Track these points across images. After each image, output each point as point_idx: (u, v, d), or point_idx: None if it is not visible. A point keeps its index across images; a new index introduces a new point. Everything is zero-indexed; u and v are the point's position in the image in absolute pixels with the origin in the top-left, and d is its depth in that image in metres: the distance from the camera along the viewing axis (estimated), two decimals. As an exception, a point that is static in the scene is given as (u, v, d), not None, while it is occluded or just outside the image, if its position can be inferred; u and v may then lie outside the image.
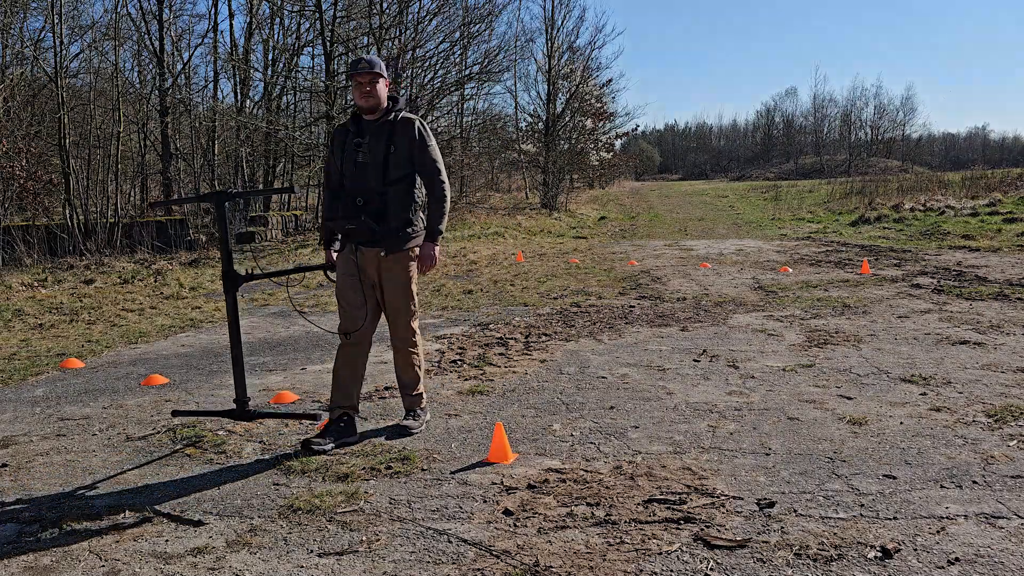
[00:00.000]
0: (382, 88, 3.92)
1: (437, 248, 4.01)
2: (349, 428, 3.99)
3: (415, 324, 4.12)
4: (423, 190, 4.04)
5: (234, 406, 4.04)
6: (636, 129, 61.12)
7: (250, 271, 4.02)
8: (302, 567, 2.74)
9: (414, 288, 4.05)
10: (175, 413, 4.27)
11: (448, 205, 4.01)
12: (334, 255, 4.08)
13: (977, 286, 8.43)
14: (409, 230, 3.95)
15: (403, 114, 3.98)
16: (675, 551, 2.76)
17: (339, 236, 4.02)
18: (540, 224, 20.97)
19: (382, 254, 3.92)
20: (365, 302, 3.98)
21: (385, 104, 3.97)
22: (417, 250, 4.00)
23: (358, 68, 3.89)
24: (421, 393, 4.20)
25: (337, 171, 4.01)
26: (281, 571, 2.72)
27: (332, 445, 3.89)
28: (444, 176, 4.02)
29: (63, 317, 8.44)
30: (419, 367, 4.16)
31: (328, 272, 4.13)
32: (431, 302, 8.66)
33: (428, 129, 4.03)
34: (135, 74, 23.49)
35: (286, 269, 4.16)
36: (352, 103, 4.28)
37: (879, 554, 2.69)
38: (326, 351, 6.31)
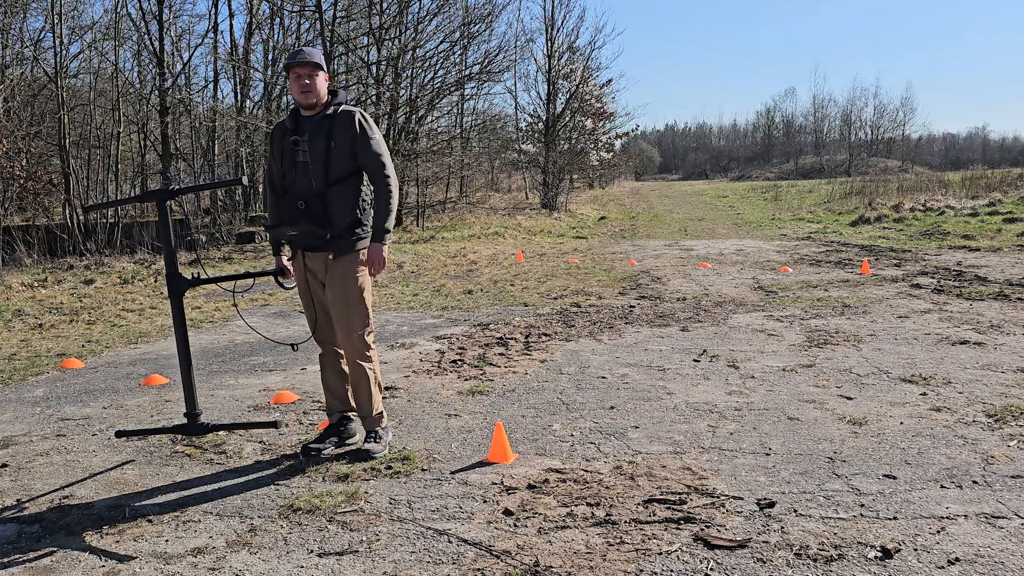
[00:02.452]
0: (321, 82, 3.67)
1: (385, 248, 3.72)
2: (348, 430, 3.96)
3: (369, 337, 3.78)
4: (371, 187, 3.81)
5: (185, 420, 3.77)
6: (636, 129, 61.17)
7: (196, 275, 3.81)
8: (302, 567, 2.74)
9: (367, 295, 3.76)
10: (119, 434, 3.91)
11: (395, 201, 3.71)
12: (285, 260, 3.85)
13: (977, 286, 8.43)
14: (358, 231, 3.70)
15: (343, 107, 3.72)
16: (675, 551, 2.76)
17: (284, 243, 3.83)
18: (540, 224, 20.97)
19: (330, 258, 3.68)
20: (313, 306, 3.81)
21: (324, 99, 3.72)
22: (364, 252, 3.73)
23: (296, 59, 3.62)
24: (381, 412, 3.88)
25: (279, 173, 3.75)
26: (281, 571, 2.72)
27: (332, 448, 3.85)
28: (390, 170, 3.72)
29: (63, 317, 8.44)
30: (375, 383, 3.83)
31: (280, 279, 3.88)
32: (431, 302, 8.66)
33: (370, 120, 3.77)
34: (135, 74, 23.50)
35: (234, 274, 3.94)
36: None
37: (879, 554, 2.69)
38: (326, 351, 6.30)
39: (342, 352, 3.86)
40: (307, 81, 3.62)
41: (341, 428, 3.94)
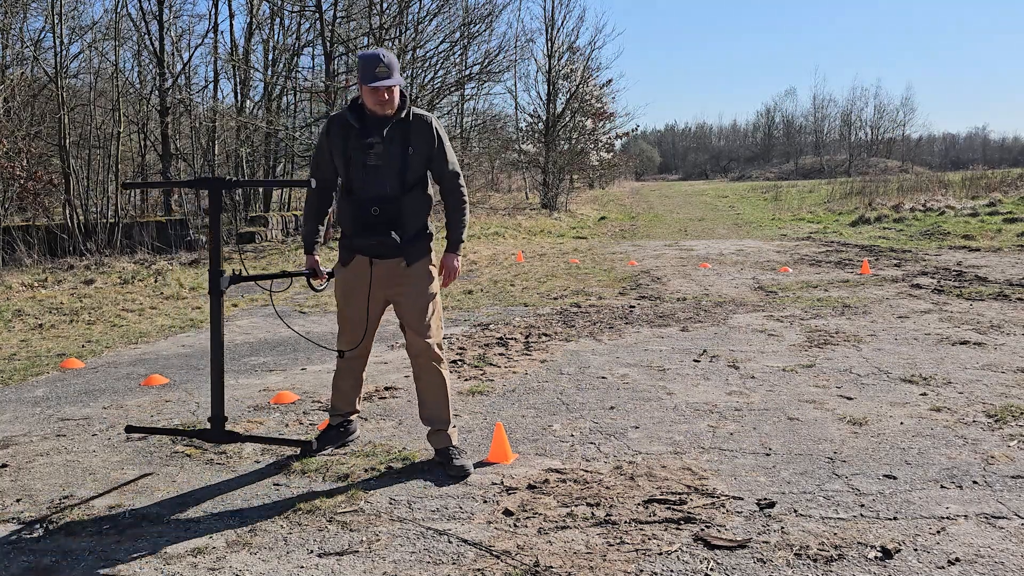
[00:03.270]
0: (399, 91, 3.52)
1: (459, 260, 3.69)
2: (348, 430, 3.96)
3: (441, 340, 3.67)
4: (433, 191, 3.73)
5: (208, 424, 3.60)
6: (636, 129, 61.10)
7: (237, 272, 3.62)
8: (302, 567, 2.74)
9: (437, 297, 3.65)
10: (129, 429, 3.80)
11: (466, 211, 3.69)
12: (318, 262, 3.75)
13: (977, 286, 8.43)
14: (426, 236, 3.64)
15: (415, 111, 3.58)
16: (675, 551, 2.76)
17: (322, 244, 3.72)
18: (540, 224, 20.97)
19: (403, 265, 3.56)
20: (367, 319, 3.65)
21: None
22: (434, 255, 3.67)
23: (377, 76, 3.37)
24: (455, 426, 3.75)
25: (329, 167, 3.62)
26: (281, 571, 2.72)
27: (332, 448, 3.85)
28: (463, 180, 3.69)
29: (63, 317, 8.43)
30: (449, 390, 3.70)
31: (312, 281, 3.74)
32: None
33: (443, 129, 3.67)
34: (135, 74, 23.49)
35: (274, 273, 3.77)
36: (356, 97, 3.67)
37: (879, 554, 2.69)
38: (327, 352, 6.30)
39: (366, 362, 3.84)
40: (387, 98, 3.45)
41: (342, 428, 3.92)
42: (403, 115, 3.53)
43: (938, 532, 2.85)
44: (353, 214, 3.53)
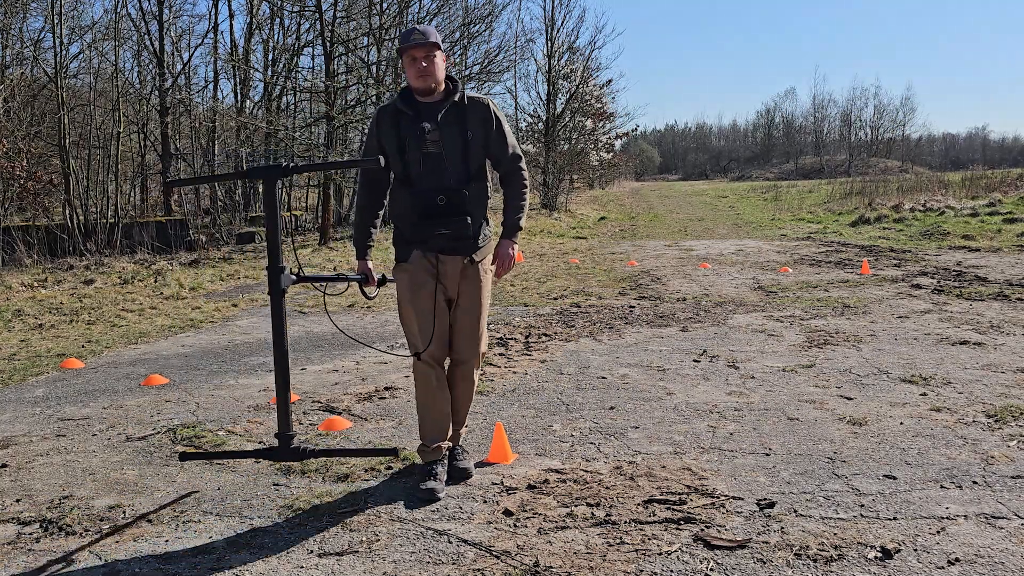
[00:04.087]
0: (440, 64, 3.26)
1: (515, 247, 3.41)
2: (461, 466, 3.52)
3: (484, 346, 3.50)
4: (492, 180, 3.50)
5: (275, 442, 3.24)
6: (636, 129, 61.12)
7: (295, 272, 3.22)
8: (302, 567, 2.74)
9: (488, 301, 3.46)
10: (183, 457, 3.45)
11: (526, 196, 3.43)
12: (371, 267, 3.47)
13: (977, 286, 8.43)
14: (487, 231, 3.40)
15: (470, 94, 3.36)
16: (675, 551, 2.76)
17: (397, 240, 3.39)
18: (540, 224, 20.97)
19: (466, 261, 3.32)
20: (435, 317, 3.31)
21: (443, 83, 3.33)
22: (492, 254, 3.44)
23: (411, 39, 3.19)
24: (465, 428, 3.66)
25: (396, 163, 3.31)
26: (281, 571, 2.72)
27: (444, 490, 3.36)
28: (524, 163, 3.45)
29: (63, 317, 8.44)
30: (472, 400, 3.62)
31: (364, 288, 3.45)
32: (431, 302, 8.66)
33: (502, 112, 3.42)
34: (135, 74, 23.51)
35: (334, 275, 3.43)
36: (404, 82, 3.49)
37: (879, 554, 2.69)
38: (326, 351, 6.31)
39: (443, 370, 3.43)
40: (424, 64, 3.20)
41: (444, 459, 3.48)
42: (456, 98, 3.31)
43: (938, 532, 2.85)
44: (414, 206, 3.25)
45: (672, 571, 2.64)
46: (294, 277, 3.17)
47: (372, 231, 3.48)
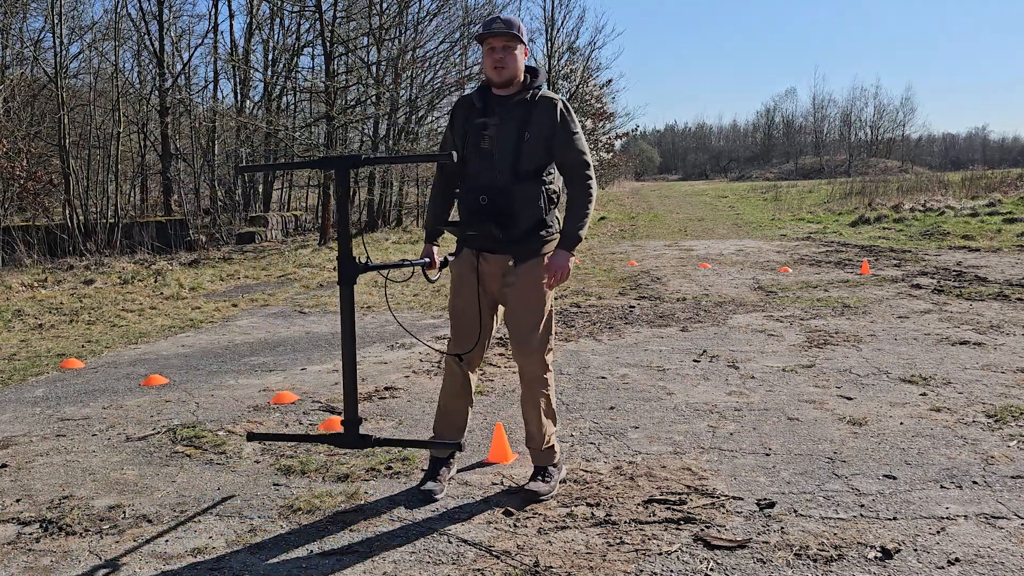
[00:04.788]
0: (520, 57, 3.16)
1: (573, 259, 3.21)
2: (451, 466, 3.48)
3: (549, 356, 3.29)
4: (559, 182, 3.34)
5: (342, 429, 3.20)
6: (636, 129, 61.17)
7: (363, 261, 3.16)
8: (302, 567, 2.74)
9: (548, 305, 3.27)
10: (251, 437, 3.36)
11: (593, 208, 3.25)
12: (435, 252, 3.41)
13: (977, 286, 8.43)
14: (543, 233, 3.24)
15: (543, 92, 3.23)
16: (675, 551, 2.76)
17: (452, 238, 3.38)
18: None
19: (511, 263, 3.22)
20: (480, 320, 3.26)
21: (521, 77, 3.22)
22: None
23: (492, 27, 3.10)
24: (553, 447, 3.34)
25: (460, 155, 3.24)
26: (281, 571, 2.72)
27: (443, 491, 3.35)
28: (592, 171, 3.26)
29: (63, 317, 8.44)
30: (549, 412, 3.34)
31: (427, 272, 3.42)
32: (431, 302, 8.66)
33: (573, 112, 3.27)
34: (135, 74, 23.50)
35: (398, 262, 3.37)
36: (481, 75, 3.39)
37: (879, 554, 2.69)
38: (326, 351, 6.31)
39: (472, 374, 3.38)
40: (500, 55, 3.12)
41: (451, 460, 3.46)
42: (528, 96, 3.20)
43: (938, 532, 2.85)
44: (462, 201, 3.24)
45: (672, 571, 2.64)
46: (360, 267, 3.11)
47: (443, 217, 3.43)
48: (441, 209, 3.41)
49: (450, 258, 3.39)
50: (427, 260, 3.37)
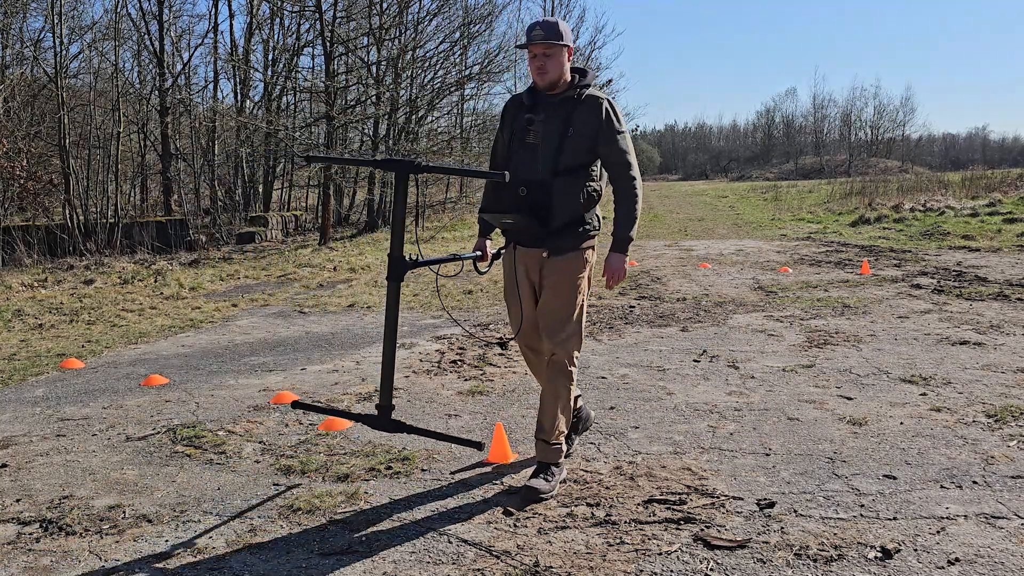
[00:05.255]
0: (563, 60, 3.24)
1: (627, 260, 3.36)
2: (580, 416, 3.70)
3: (576, 352, 3.36)
4: (602, 182, 3.43)
5: (374, 411, 3.37)
6: (636, 130, 61.11)
7: (413, 257, 3.31)
8: (302, 567, 2.74)
9: (580, 300, 3.35)
10: (295, 405, 3.63)
11: (640, 207, 3.36)
12: (488, 245, 3.57)
13: (977, 286, 8.43)
14: (580, 229, 3.34)
15: (589, 91, 3.31)
16: (675, 551, 2.76)
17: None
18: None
19: (544, 255, 3.33)
20: (521, 307, 3.45)
21: (569, 77, 3.31)
22: (590, 253, 3.40)
23: (531, 36, 3.19)
24: (560, 446, 3.35)
25: (503, 152, 3.45)
26: (281, 571, 2.72)
27: (575, 442, 3.67)
28: (636, 171, 3.35)
29: (63, 317, 8.44)
30: (566, 408, 3.36)
31: (477, 264, 3.58)
32: (431, 302, 8.66)
33: (619, 111, 3.35)
34: (135, 74, 23.52)
35: (447, 257, 3.54)
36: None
37: (879, 554, 2.69)
38: (326, 351, 6.31)
39: (543, 356, 3.51)
40: (542, 61, 3.22)
41: (575, 417, 3.64)
42: (574, 94, 3.30)
43: (938, 532, 2.85)
44: (505, 192, 3.34)
45: (672, 571, 2.64)
46: (410, 263, 3.27)
47: (492, 211, 3.50)
48: (491, 204, 3.49)
49: (502, 252, 3.57)
50: (478, 254, 3.55)
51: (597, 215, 3.44)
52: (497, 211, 3.38)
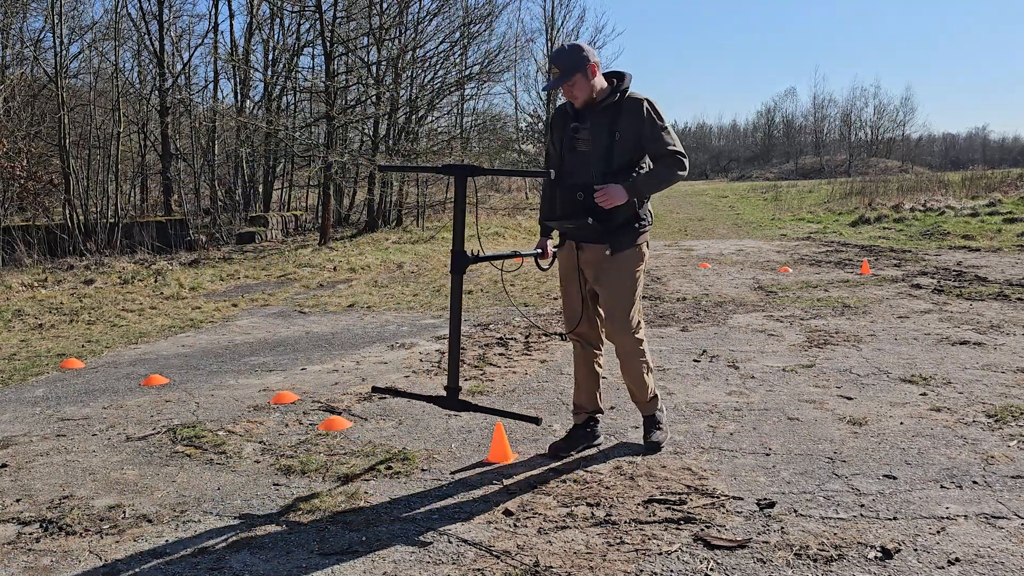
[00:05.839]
0: (589, 80, 3.46)
1: (624, 194, 3.42)
2: (593, 433, 3.86)
3: (640, 331, 3.67)
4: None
5: (443, 393, 3.69)
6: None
7: (474, 252, 3.60)
8: (302, 567, 2.74)
9: (640, 289, 3.67)
10: (375, 389, 4.06)
11: (673, 179, 3.52)
12: (549, 245, 3.82)
13: (977, 286, 8.43)
14: (636, 225, 3.57)
15: (629, 93, 3.51)
16: (675, 551, 2.76)
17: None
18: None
19: (607, 252, 3.55)
20: (583, 301, 3.70)
21: (604, 85, 3.53)
22: (645, 247, 3.64)
23: (550, 81, 3.48)
24: (656, 396, 3.81)
25: (557, 159, 3.65)
26: (281, 571, 2.72)
27: (576, 452, 3.76)
28: (684, 159, 3.52)
29: (63, 317, 8.44)
30: (647, 372, 3.73)
31: (539, 261, 3.88)
32: (431, 302, 8.66)
33: (659, 108, 3.51)
34: (135, 74, 23.52)
35: (507, 253, 3.83)
36: None
37: (879, 554, 2.69)
38: (326, 351, 6.31)
39: (598, 351, 3.79)
40: (569, 91, 3.49)
41: (588, 430, 3.84)
42: (615, 98, 3.49)
43: (938, 532, 2.85)
44: (562, 197, 3.56)
45: (672, 571, 2.64)
46: (471, 258, 3.58)
47: (551, 215, 3.76)
48: (549, 207, 3.77)
49: (549, 244, 3.83)
50: (539, 251, 3.83)
51: (649, 210, 3.67)
52: (557, 218, 3.62)
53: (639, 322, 3.68)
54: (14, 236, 14.68)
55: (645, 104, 3.47)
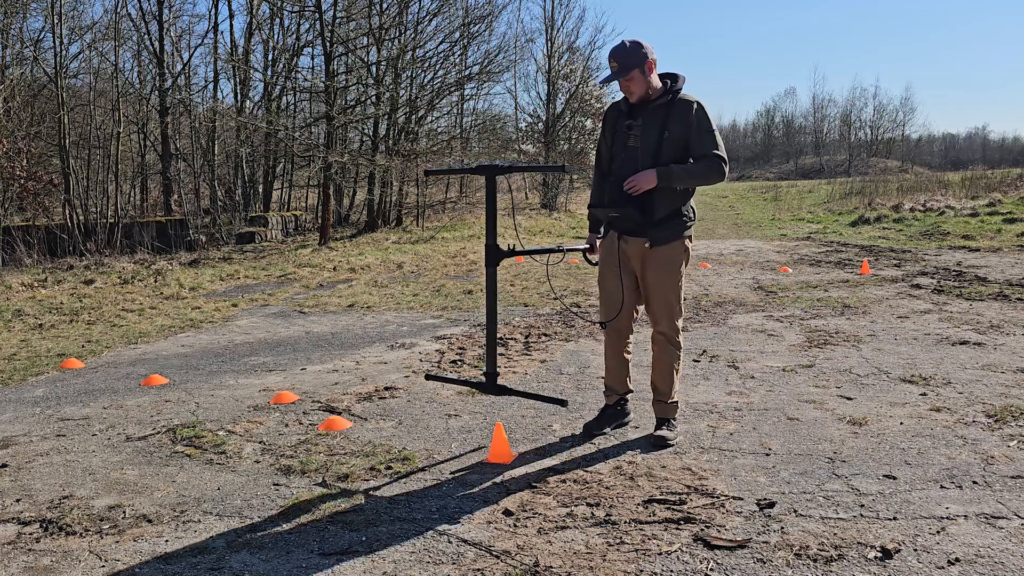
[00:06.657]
0: (645, 77, 3.63)
1: (654, 178, 3.56)
2: (623, 411, 4.09)
3: (679, 323, 3.84)
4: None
5: (483, 378, 4.03)
6: (636, 129, 60.82)
7: (511, 246, 3.87)
8: (302, 567, 2.74)
9: (681, 284, 3.80)
10: (428, 376, 4.35)
11: (708, 175, 3.63)
12: (597, 240, 3.99)
13: (977, 286, 8.43)
14: (679, 220, 3.72)
15: (681, 95, 3.68)
16: (675, 551, 2.76)
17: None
18: (540, 224, 20.98)
19: (647, 245, 3.71)
20: (623, 292, 3.81)
21: (659, 84, 3.70)
22: (688, 242, 3.79)
23: (612, 72, 3.64)
24: (676, 402, 3.93)
25: (607, 154, 3.86)
26: (281, 571, 2.72)
27: (609, 429, 4.01)
28: (725, 161, 3.66)
29: (63, 317, 8.44)
30: (677, 372, 3.89)
31: (587, 255, 4.10)
32: (431, 302, 8.66)
33: (708, 112, 3.69)
34: (135, 74, 23.53)
35: (545, 248, 4.08)
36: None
37: (879, 554, 2.69)
38: (326, 351, 6.31)
39: (628, 340, 3.97)
40: (626, 87, 3.66)
41: (618, 408, 4.08)
42: (668, 98, 3.66)
43: (938, 532, 2.85)
44: (608, 191, 3.74)
45: (672, 571, 2.64)
46: (505, 252, 3.85)
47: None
48: (598, 196, 3.92)
49: (596, 239, 4.00)
50: (587, 246, 4.04)
51: (692, 207, 3.82)
52: (604, 205, 3.77)
53: (679, 316, 3.82)
54: (14, 236, 14.68)
55: (695, 106, 3.64)
